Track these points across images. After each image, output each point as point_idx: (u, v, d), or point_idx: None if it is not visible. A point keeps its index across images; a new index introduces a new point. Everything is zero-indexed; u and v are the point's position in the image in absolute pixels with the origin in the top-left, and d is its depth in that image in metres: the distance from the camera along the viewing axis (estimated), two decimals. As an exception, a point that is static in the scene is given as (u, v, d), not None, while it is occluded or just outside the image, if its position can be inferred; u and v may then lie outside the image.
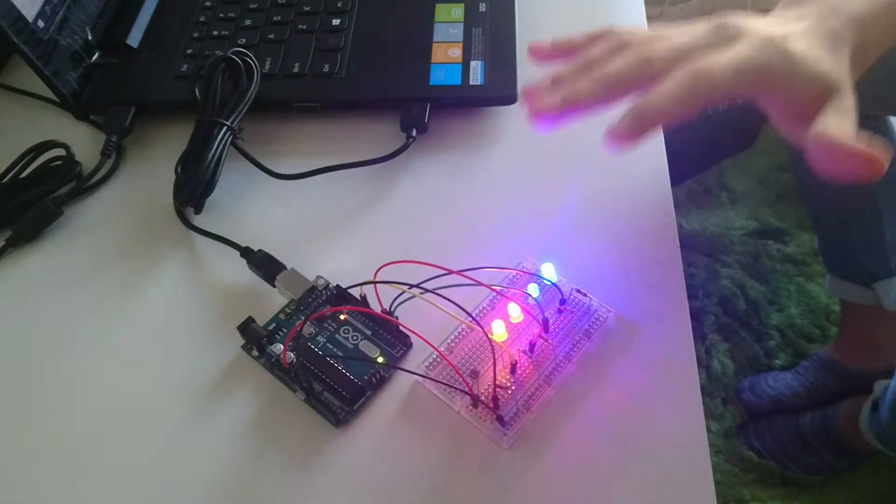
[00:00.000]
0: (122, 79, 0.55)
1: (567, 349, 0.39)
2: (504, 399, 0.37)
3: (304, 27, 0.56)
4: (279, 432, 0.38)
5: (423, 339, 0.37)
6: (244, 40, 0.56)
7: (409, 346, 0.41)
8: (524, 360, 0.39)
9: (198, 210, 0.48)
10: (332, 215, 0.48)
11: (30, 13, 0.50)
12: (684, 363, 0.40)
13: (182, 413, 0.39)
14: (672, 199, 0.47)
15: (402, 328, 0.39)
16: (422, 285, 0.37)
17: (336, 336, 0.41)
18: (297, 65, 0.54)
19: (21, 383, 0.41)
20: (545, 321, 0.39)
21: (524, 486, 0.36)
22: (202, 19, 0.58)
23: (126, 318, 0.44)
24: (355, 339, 0.41)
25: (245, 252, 0.45)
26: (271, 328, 0.42)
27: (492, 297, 0.42)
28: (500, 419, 0.37)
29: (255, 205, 0.49)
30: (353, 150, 0.50)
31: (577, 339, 0.40)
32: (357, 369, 0.39)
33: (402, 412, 0.39)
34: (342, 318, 0.42)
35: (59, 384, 0.41)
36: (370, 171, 0.49)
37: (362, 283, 0.40)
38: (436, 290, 0.36)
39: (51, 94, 0.52)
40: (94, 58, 0.55)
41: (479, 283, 0.37)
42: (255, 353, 0.41)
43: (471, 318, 0.37)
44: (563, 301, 0.41)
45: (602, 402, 0.38)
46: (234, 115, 0.48)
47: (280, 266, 0.44)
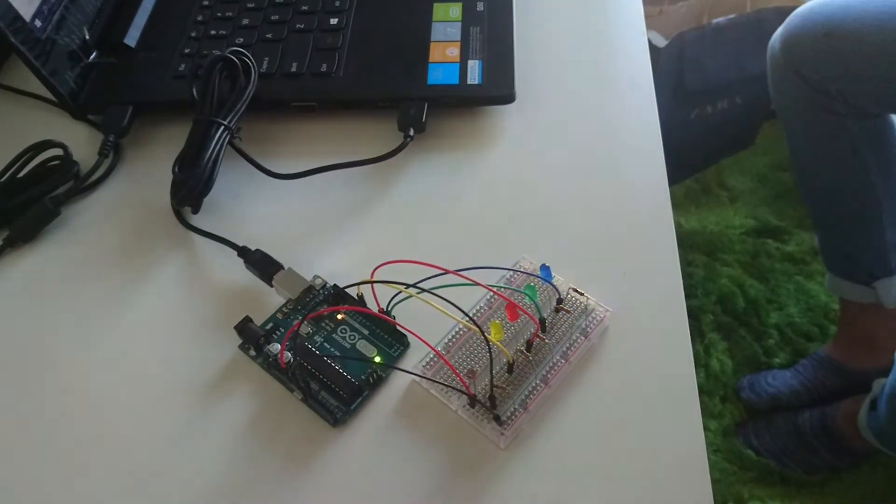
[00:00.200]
0: (120, 78, 0.55)
1: (564, 349, 0.39)
2: (501, 399, 0.37)
3: (302, 26, 0.56)
4: (276, 432, 0.38)
5: (421, 338, 0.37)
6: (242, 40, 0.56)
7: (406, 345, 0.41)
8: (521, 359, 0.39)
9: (195, 210, 0.48)
10: (329, 215, 0.48)
11: (27, 13, 0.50)
12: (681, 362, 0.40)
13: (179, 412, 0.39)
14: (670, 197, 0.47)
15: (399, 328, 0.39)
16: (419, 285, 0.37)
17: (333, 336, 0.41)
18: (294, 64, 0.54)
19: (20, 382, 0.41)
20: (542, 321, 0.39)
21: (521, 485, 0.36)
22: (200, 19, 0.58)
23: (124, 317, 0.44)
24: (353, 338, 0.41)
25: (242, 251, 0.45)
26: (269, 328, 0.42)
27: (489, 297, 0.42)
28: (497, 419, 0.37)
29: (252, 204, 0.49)
30: (350, 149, 0.50)
31: (575, 338, 0.40)
32: (354, 369, 0.39)
33: (399, 412, 0.39)
34: (339, 317, 0.42)
35: (57, 383, 0.41)
36: (368, 170, 0.49)
37: (360, 283, 0.40)
38: (433, 290, 0.36)
39: (48, 94, 0.52)
40: (92, 57, 0.55)
41: (477, 283, 0.37)
42: (253, 353, 0.41)
43: (468, 318, 0.37)
44: (560, 300, 0.41)
45: (599, 402, 0.39)
46: (231, 115, 0.48)
47: (277, 265, 0.44)
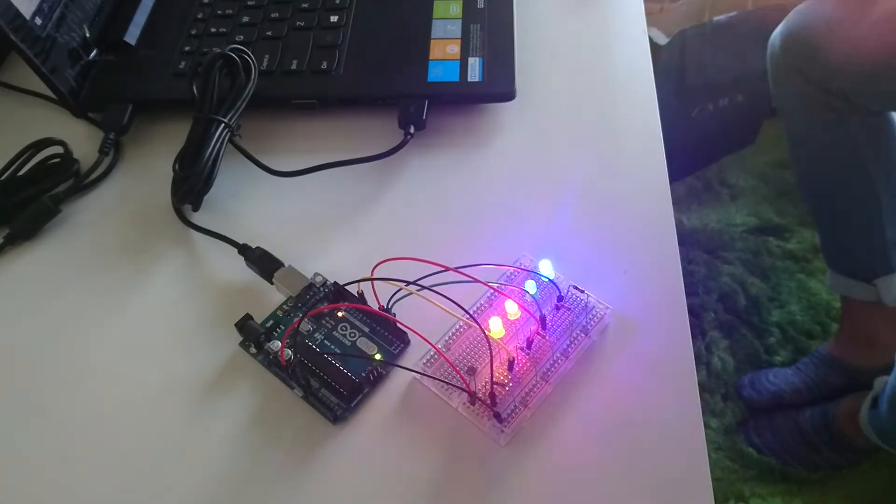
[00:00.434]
0: (120, 76, 0.55)
1: (564, 346, 0.39)
2: (501, 396, 0.37)
3: (302, 24, 0.56)
4: (277, 429, 0.38)
5: (421, 336, 0.37)
6: (242, 37, 0.56)
7: (406, 343, 0.41)
8: (521, 356, 0.39)
9: (196, 207, 0.48)
10: (329, 212, 0.48)
11: (27, 10, 0.50)
12: (682, 360, 0.40)
13: (180, 410, 0.40)
14: (671, 195, 0.47)
15: (399, 325, 0.39)
16: (419, 282, 0.37)
17: (334, 333, 0.41)
18: (294, 62, 0.54)
19: (19, 381, 0.41)
20: (542, 318, 0.39)
21: (522, 482, 0.36)
22: (200, 16, 0.58)
23: (124, 315, 0.44)
24: (353, 336, 0.41)
25: (243, 249, 0.45)
26: (269, 325, 0.42)
27: (489, 294, 0.42)
28: (497, 416, 0.37)
29: (252, 202, 0.49)
30: (351, 146, 0.50)
31: (575, 335, 0.40)
32: (355, 366, 0.39)
33: (399, 409, 0.39)
34: (340, 315, 0.42)
35: (57, 381, 0.41)
36: (368, 168, 0.49)
37: (360, 280, 0.40)
38: (433, 287, 0.36)
39: (48, 92, 0.52)
40: (92, 55, 0.55)
41: (477, 281, 0.37)
42: (253, 350, 0.41)
43: (468, 315, 0.37)
44: (560, 298, 0.41)
45: (599, 399, 0.38)
46: (231, 113, 0.48)
47: (278, 263, 0.44)
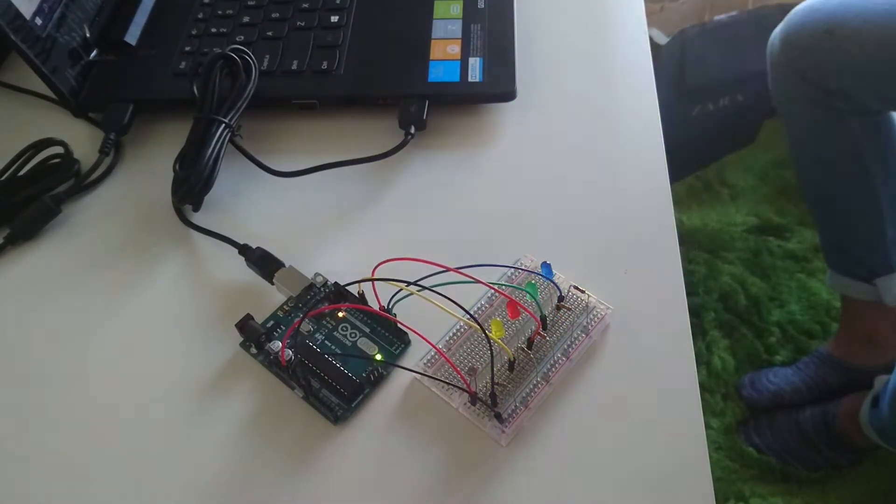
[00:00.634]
0: (121, 76, 0.54)
1: (565, 346, 0.39)
2: (502, 396, 0.37)
3: (303, 24, 0.56)
4: (277, 430, 0.38)
5: (422, 336, 0.37)
6: (242, 37, 0.55)
7: (407, 343, 0.41)
8: (522, 357, 0.39)
9: (196, 207, 0.48)
10: (330, 213, 0.48)
11: (27, 10, 0.50)
12: (683, 359, 0.40)
13: (180, 410, 0.40)
14: (671, 195, 0.47)
15: (400, 325, 0.39)
16: (420, 283, 0.37)
17: (334, 333, 0.41)
18: (295, 62, 0.53)
19: (19, 381, 0.41)
20: (543, 318, 0.39)
21: (522, 483, 0.36)
22: (200, 16, 0.58)
23: (124, 315, 0.44)
24: (353, 336, 0.41)
25: (243, 249, 0.45)
26: (269, 325, 0.42)
27: (490, 295, 0.42)
28: (498, 416, 0.37)
29: (253, 202, 0.49)
30: (351, 147, 0.50)
31: (576, 336, 0.40)
32: (355, 367, 0.39)
33: (400, 410, 0.39)
34: (340, 315, 0.42)
35: (57, 381, 0.41)
36: (369, 168, 0.49)
37: (360, 281, 0.40)
38: (434, 288, 0.36)
39: (49, 92, 0.52)
40: (93, 55, 0.55)
41: (478, 281, 0.37)
42: (254, 351, 0.41)
43: (469, 316, 0.37)
44: (561, 298, 0.41)
45: (600, 400, 0.38)
46: (232, 113, 0.48)
47: (278, 263, 0.44)
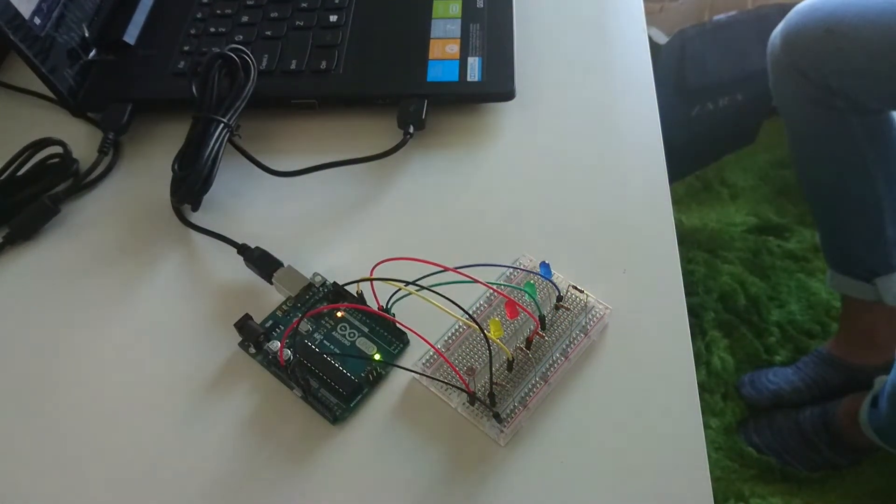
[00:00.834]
0: (119, 76, 0.54)
1: (564, 346, 0.39)
2: (501, 396, 0.37)
3: (301, 24, 0.56)
4: (276, 430, 0.38)
5: (420, 336, 0.37)
6: (241, 37, 0.55)
7: (406, 343, 0.41)
8: (521, 357, 0.39)
9: (195, 207, 0.47)
10: (329, 212, 0.48)
11: (26, 10, 0.50)
12: (682, 359, 0.40)
13: (179, 410, 0.39)
14: (670, 194, 0.47)
15: (399, 325, 0.39)
16: (419, 282, 0.37)
17: (333, 333, 0.41)
18: (294, 62, 0.53)
19: (19, 381, 0.41)
20: (542, 318, 0.39)
21: (521, 483, 0.36)
22: (199, 16, 0.58)
23: (123, 315, 0.44)
24: (352, 336, 0.41)
25: (242, 249, 0.45)
26: (268, 325, 0.42)
27: (489, 295, 0.42)
28: (496, 416, 0.37)
29: (252, 202, 0.49)
30: (350, 146, 0.50)
31: (574, 336, 0.40)
32: (354, 366, 0.39)
33: (399, 409, 0.39)
34: (339, 315, 0.42)
35: (56, 382, 0.41)
36: (367, 168, 0.49)
37: (359, 280, 0.40)
38: (433, 288, 0.36)
39: (47, 92, 0.52)
40: (91, 55, 0.55)
41: (476, 281, 0.37)
42: (253, 351, 0.41)
43: (468, 316, 0.37)
44: (559, 298, 0.41)
45: (599, 400, 0.38)
46: (231, 112, 0.48)
47: (277, 263, 0.44)
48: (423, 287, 0.36)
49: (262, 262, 0.44)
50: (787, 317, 1.13)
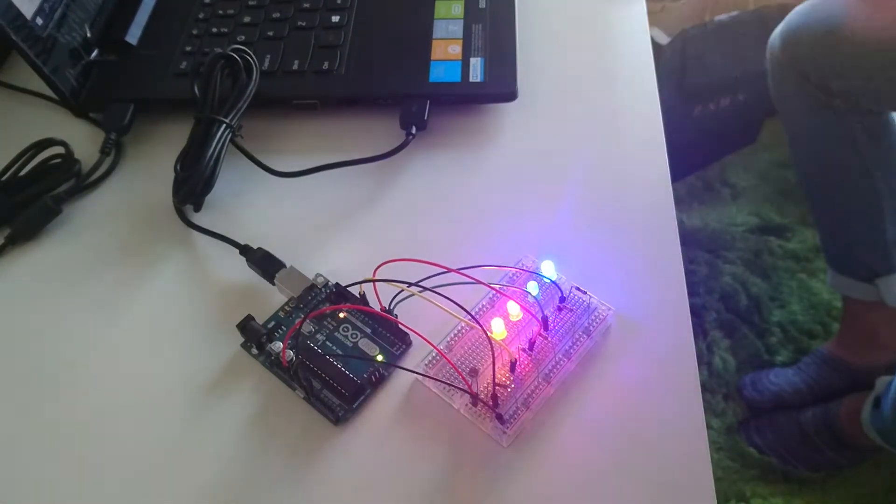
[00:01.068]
0: (121, 76, 0.54)
1: (567, 347, 0.39)
2: (503, 397, 0.37)
3: (304, 24, 0.56)
4: (279, 430, 0.38)
5: (423, 337, 0.37)
6: (243, 37, 0.55)
7: (408, 344, 0.41)
8: (524, 358, 0.39)
9: (197, 208, 0.47)
10: (331, 213, 0.48)
11: (28, 10, 0.50)
12: (684, 360, 0.40)
13: (181, 411, 0.39)
14: (673, 194, 0.47)
15: (401, 326, 0.39)
16: (421, 283, 0.37)
17: (335, 334, 0.41)
18: (296, 62, 0.53)
19: (20, 381, 0.41)
20: (545, 319, 0.39)
21: (524, 484, 0.36)
22: (201, 16, 0.58)
23: (125, 315, 0.44)
24: (355, 337, 0.41)
25: (244, 250, 0.45)
26: (271, 326, 0.42)
27: (491, 296, 0.42)
28: (499, 417, 0.37)
29: (254, 202, 0.49)
30: (352, 147, 0.50)
31: (577, 337, 0.40)
32: (356, 367, 0.39)
33: (401, 410, 0.39)
34: (341, 316, 0.42)
35: (58, 382, 0.41)
36: (370, 168, 0.49)
37: (362, 282, 0.40)
38: (435, 289, 0.36)
39: (49, 92, 0.52)
40: (93, 55, 0.55)
41: (479, 282, 0.37)
42: (255, 352, 0.41)
43: (470, 317, 0.37)
44: (562, 299, 0.40)
45: (602, 400, 0.38)
46: (233, 113, 0.48)
47: (279, 264, 0.44)
48: (425, 288, 0.36)
49: (265, 263, 0.44)
50: (789, 317, 1.13)
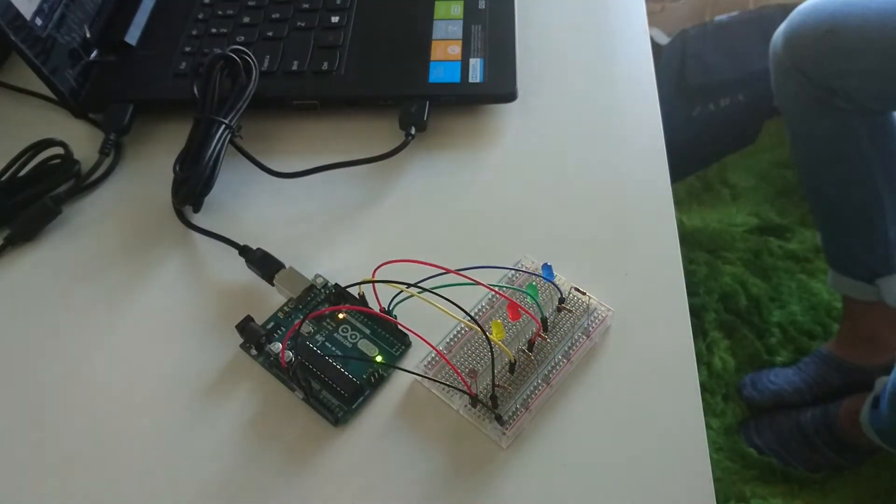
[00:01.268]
0: (121, 77, 0.54)
1: (566, 348, 0.39)
2: (503, 398, 0.37)
3: (303, 24, 0.56)
4: (278, 431, 0.38)
5: (422, 338, 0.37)
6: (243, 38, 0.55)
7: (407, 345, 0.41)
8: (523, 359, 0.39)
9: (196, 208, 0.47)
10: (330, 214, 0.48)
11: (27, 11, 0.50)
12: (683, 360, 0.40)
13: (180, 412, 0.39)
14: (672, 195, 0.47)
15: (400, 327, 0.39)
16: (420, 284, 0.37)
17: (335, 335, 0.41)
18: (295, 62, 0.53)
19: (20, 382, 0.41)
20: (544, 320, 0.39)
21: (523, 485, 0.36)
22: (201, 17, 0.57)
23: (124, 316, 0.44)
24: (354, 338, 0.41)
25: (244, 250, 0.45)
26: (270, 327, 0.42)
27: (491, 297, 0.42)
28: (498, 418, 0.37)
29: (253, 203, 0.49)
30: (352, 148, 0.50)
31: (576, 337, 0.40)
32: (356, 368, 0.39)
33: (400, 411, 0.39)
34: (341, 316, 0.42)
35: (57, 382, 0.41)
36: (369, 169, 0.49)
37: (361, 282, 0.40)
38: (434, 290, 0.36)
39: (49, 93, 0.52)
40: (93, 56, 0.55)
41: (478, 283, 0.37)
42: (254, 352, 0.41)
43: (469, 318, 0.37)
44: (561, 300, 0.40)
45: (601, 401, 0.38)
46: (232, 113, 0.47)
47: (279, 264, 0.44)
48: (424, 289, 0.36)
49: (264, 264, 0.44)
50: (789, 317, 1.13)
